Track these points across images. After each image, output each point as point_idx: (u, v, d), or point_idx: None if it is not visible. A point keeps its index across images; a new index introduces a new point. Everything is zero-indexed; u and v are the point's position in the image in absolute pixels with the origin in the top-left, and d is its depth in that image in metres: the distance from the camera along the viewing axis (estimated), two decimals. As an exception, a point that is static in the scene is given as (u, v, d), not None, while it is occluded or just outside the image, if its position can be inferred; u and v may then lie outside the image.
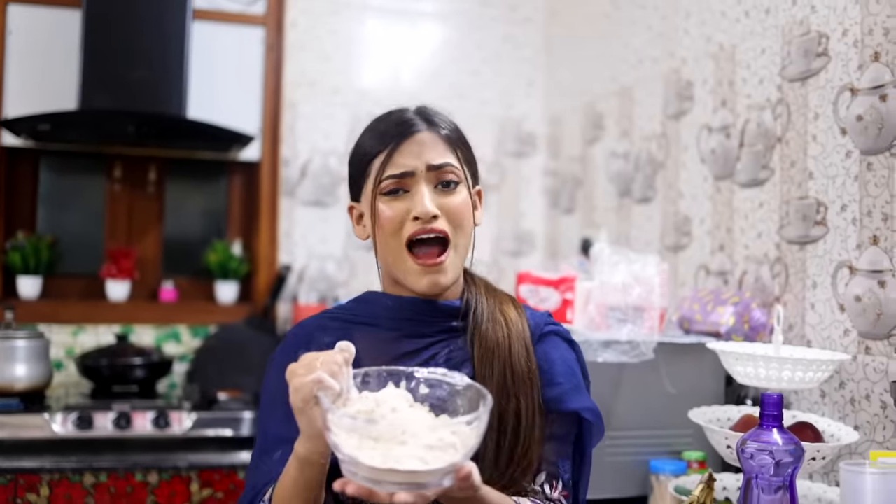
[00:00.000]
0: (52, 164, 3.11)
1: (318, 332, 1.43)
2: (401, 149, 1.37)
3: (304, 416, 1.13)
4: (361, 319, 1.44)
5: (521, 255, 3.41)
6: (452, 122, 1.45)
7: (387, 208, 1.37)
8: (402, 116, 1.41)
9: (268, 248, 3.14)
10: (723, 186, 2.34)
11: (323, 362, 1.12)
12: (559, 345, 1.46)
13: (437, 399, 1.16)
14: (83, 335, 2.99)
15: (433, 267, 1.35)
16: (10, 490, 2.31)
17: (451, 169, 1.38)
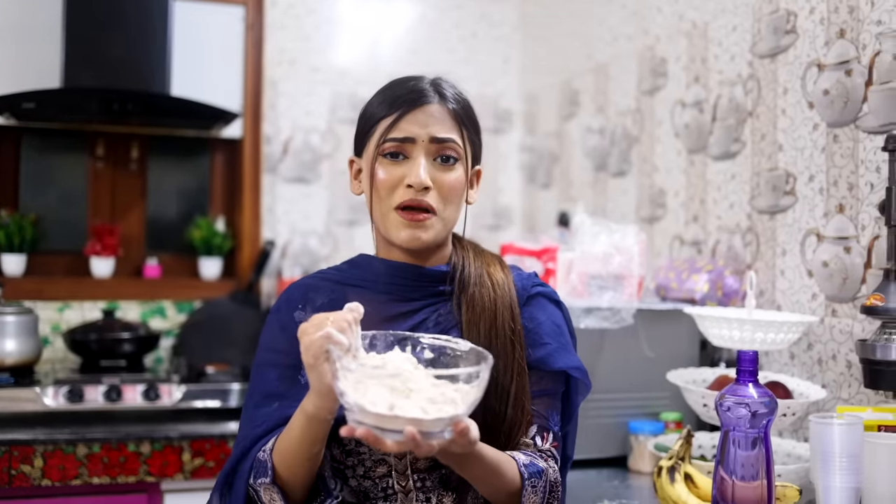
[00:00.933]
0: (34, 143, 3.13)
1: (311, 293, 1.48)
2: (408, 116, 1.41)
3: (315, 372, 1.19)
4: (353, 281, 1.48)
5: (499, 230, 3.48)
6: (464, 99, 1.49)
7: (383, 171, 1.41)
8: (417, 85, 1.44)
9: (251, 225, 3.19)
10: (696, 160, 2.43)
11: (333, 321, 1.19)
12: (546, 306, 1.51)
13: (441, 364, 1.24)
14: (69, 311, 3.03)
15: (415, 222, 1.40)
16: (5, 461, 2.35)
17: (452, 146, 1.42)
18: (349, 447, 1.40)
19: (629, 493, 1.90)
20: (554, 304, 1.53)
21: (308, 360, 1.19)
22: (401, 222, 1.41)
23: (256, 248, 3.20)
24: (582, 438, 2.08)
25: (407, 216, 1.40)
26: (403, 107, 1.41)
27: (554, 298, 1.54)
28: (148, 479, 2.45)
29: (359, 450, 1.39)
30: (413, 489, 1.41)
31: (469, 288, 1.45)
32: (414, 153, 1.41)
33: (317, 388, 1.22)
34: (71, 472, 2.40)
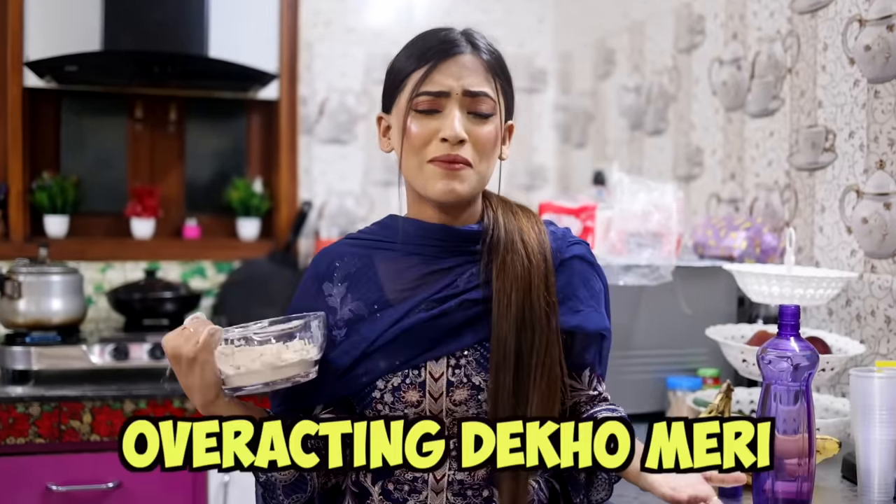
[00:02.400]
0: (74, 105, 3.17)
1: (337, 261, 1.47)
2: (440, 67, 1.36)
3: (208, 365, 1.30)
4: (382, 245, 1.47)
5: (533, 189, 3.50)
6: (496, 50, 1.45)
7: (416, 125, 1.37)
8: (448, 35, 1.40)
9: (288, 185, 3.22)
10: (734, 117, 2.42)
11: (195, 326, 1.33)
12: (581, 268, 1.48)
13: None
14: (111, 272, 3.08)
15: (451, 171, 1.36)
16: (55, 416, 2.41)
17: (486, 100, 1.38)
18: (384, 412, 1.41)
19: (667, 447, 1.93)
20: (589, 265, 1.50)
21: (202, 356, 1.29)
22: (436, 172, 1.37)
23: (294, 209, 3.23)
24: (620, 393, 2.11)
25: (443, 165, 1.36)
26: (435, 57, 1.37)
27: (589, 260, 1.50)
28: (193, 434, 2.50)
29: (395, 416, 1.40)
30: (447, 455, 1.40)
31: (500, 254, 1.41)
32: (447, 106, 1.37)
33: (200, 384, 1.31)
34: (118, 426, 2.44)
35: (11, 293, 2.59)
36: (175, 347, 1.30)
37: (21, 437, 2.39)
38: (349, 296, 1.44)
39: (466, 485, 1.42)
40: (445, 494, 1.41)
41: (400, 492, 1.42)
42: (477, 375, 1.38)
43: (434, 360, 1.39)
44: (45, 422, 2.41)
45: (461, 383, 1.39)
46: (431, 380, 1.39)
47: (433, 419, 1.34)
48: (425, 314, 1.39)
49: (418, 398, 1.39)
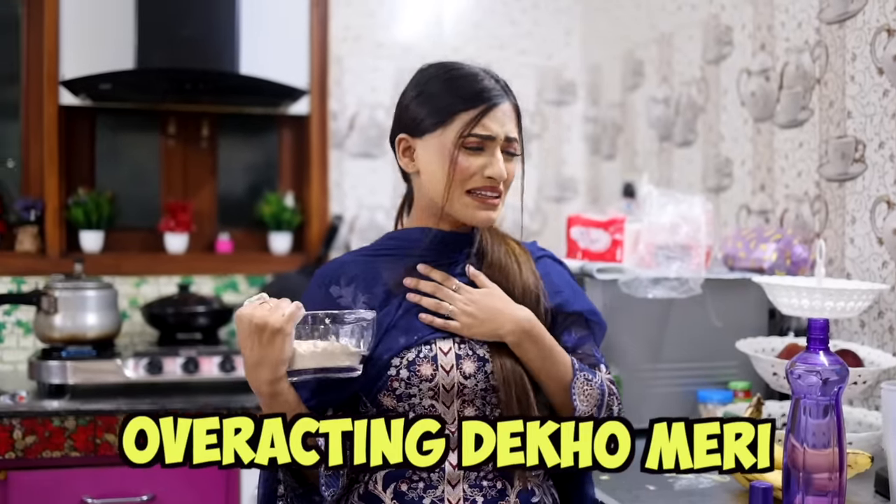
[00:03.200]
0: (109, 122, 3.22)
1: (343, 268, 1.60)
2: (491, 114, 1.52)
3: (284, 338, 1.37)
4: (386, 252, 1.62)
5: (563, 201, 3.50)
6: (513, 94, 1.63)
7: (465, 161, 1.53)
8: (490, 84, 1.55)
9: (319, 199, 3.25)
10: (763, 128, 2.41)
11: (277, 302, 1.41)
12: (553, 264, 1.68)
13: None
14: (145, 286, 3.12)
15: (488, 204, 1.54)
16: (91, 430, 2.45)
17: (516, 144, 1.57)
18: (400, 391, 1.48)
19: (698, 460, 1.92)
20: (558, 262, 1.70)
21: (287, 328, 1.36)
22: (474, 205, 1.55)
23: (325, 223, 3.26)
24: (650, 406, 2.13)
25: (479, 200, 1.54)
26: (486, 103, 1.53)
27: (556, 259, 1.71)
28: (225, 447, 2.52)
29: (409, 392, 1.48)
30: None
31: (489, 252, 1.61)
32: (491, 148, 1.54)
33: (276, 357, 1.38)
34: (152, 440, 2.48)
35: (48, 308, 2.64)
36: (262, 317, 1.36)
37: (57, 451, 2.43)
38: (358, 294, 1.56)
39: (483, 473, 1.49)
40: (462, 486, 1.48)
41: (414, 491, 1.47)
42: (481, 348, 1.51)
43: (442, 338, 1.51)
44: (81, 435, 2.44)
45: (467, 355, 1.50)
46: (442, 354, 1.50)
47: (445, 396, 1.47)
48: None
49: (432, 372, 1.48)
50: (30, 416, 2.41)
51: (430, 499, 1.46)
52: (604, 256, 2.21)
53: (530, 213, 3.46)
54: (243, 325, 1.38)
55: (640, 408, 2.13)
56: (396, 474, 1.48)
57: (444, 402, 1.49)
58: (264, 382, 1.40)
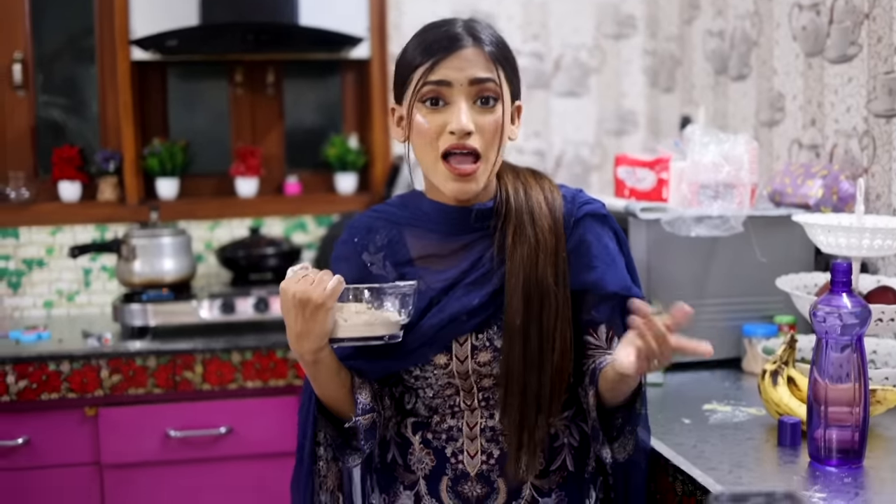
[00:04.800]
0: (179, 74, 3.35)
1: (371, 233, 1.59)
2: (444, 62, 1.43)
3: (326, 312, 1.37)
4: (406, 220, 1.58)
5: (623, 135, 3.52)
6: (499, 38, 1.51)
7: (424, 120, 1.45)
8: (451, 31, 1.46)
9: (382, 141, 3.34)
10: (814, 63, 2.41)
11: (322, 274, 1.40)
12: (593, 226, 1.56)
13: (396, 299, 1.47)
14: (219, 229, 3.27)
15: (464, 176, 1.45)
16: (170, 368, 2.62)
17: (490, 86, 1.45)
18: (416, 373, 1.55)
19: (739, 394, 1.99)
20: (600, 221, 1.57)
21: (329, 303, 1.36)
22: (448, 175, 1.46)
23: (388, 163, 3.35)
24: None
25: (454, 169, 1.45)
26: (439, 53, 1.44)
27: (601, 214, 1.58)
28: (295, 382, 2.68)
29: (424, 375, 1.55)
30: (478, 406, 1.56)
31: (510, 234, 1.51)
32: (453, 98, 1.44)
33: (319, 330, 1.38)
34: (227, 377, 2.65)
35: (127, 256, 2.81)
36: (304, 292, 1.35)
37: (141, 388, 2.61)
38: (387, 264, 1.57)
39: (498, 431, 1.56)
40: (479, 441, 1.56)
41: (438, 440, 1.57)
42: (498, 339, 1.51)
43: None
44: (162, 373, 2.62)
45: (484, 347, 1.52)
46: (457, 345, 1.53)
47: (461, 377, 1.52)
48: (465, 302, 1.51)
49: (446, 361, 1.53)
50: (115, 357, 2.60)
51: (452, 448, 1.57)
52: (650, 195, 2.26)
53: (590, 147, 3.50)
54: (286, 298, 1.37)
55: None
56: (422, 424, 1.59)
57: (461, 378, 1.54)
58: (308, 352, 1.41)
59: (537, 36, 3.43)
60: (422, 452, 1.58)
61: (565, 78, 3.47)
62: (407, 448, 1.60)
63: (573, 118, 3.49)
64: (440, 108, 1.45)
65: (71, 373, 2.57)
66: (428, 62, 1.44)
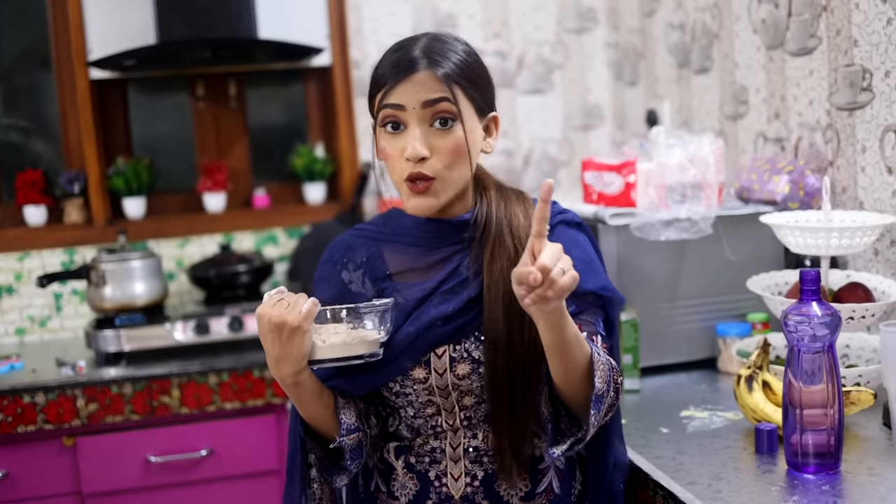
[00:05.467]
0: (139, 90, 3.31)
1: (350, 251, 1.61)
2: (398, 87, 1.45)
3: (302, 336, 1.38)
4: (386, 237, 1.60)
5: (590, 129, 3.51)
6: (460, 57, 1.49)
7: (387, 145, 1.48)
8: (407, 55, 1.47)
9: (348, 148, 3.32)
10: (775, 56, 2.41)
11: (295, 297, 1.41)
12: (567, 232, 1.58)
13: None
14: (189, 246, 3.24)
15: (419, 193, 1.46)
16: (147, 394, 2.60)
17: (444, 105, 1.45)
18: (395, 389, 1.55)
19: (716, 397, 1.99)
20: (576, 227, 1.60)
21: (305, 325, 1.37)
22: (409, 194, 1.48)
23: (356, 171, 3.33)
24: (670, 344, 2.20)
25: (414, 187, 1.46)
26: (394, 77, 1.46)
27: (575, 222, 1.60)
28: (274, 400, 2.67)
29: (405, 391, 1.54)
30: (460, 426, 1.56)
31: (489, 247, 1.52)
32: (409, 121, 1.46)
33: (297, 353, 1.39)
34: (205, 399, 2.63)
35: (97, 281, 2.78)
36: (279, 316, 1.36)
37: (118, 415, 2.59)
38: (366, 281, 1.58)
39: (482, 451, 1.56)
40: (463, 462, 1.56)
41: (421, 463, 1.58)
42: (476, 350, 1.51)
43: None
44: (139, 400, 2.60)
45: (462, 358, 1.51)
46: (435, 357, 1.52)
47: (441, 392, 1.52)
48: (441, 309, 1.51)
49: (425, 374, 1.52)
50: (90, 386, 2.57)
51: (435, 471, 1.57)
52: (619, 200, 2.25)
53: (557, 143, 3.49)
54: (263, 323, 1.38)
55: (662, 346, 2.21)
56: (405, 448, 1.59)
57: (441, 395, 1.54)
58: (287, 375, 1.42)
59: (499, 34, 3.41)
60: (405, 477, 1.58)
61: (529, 75, 3.46)
62: (390, 474, 1.60)
63: (539, 115, 3.48)
64: (399, 132, 1.47)
65: (46, 404, 2.54)
66: (385, 86, 1.48)
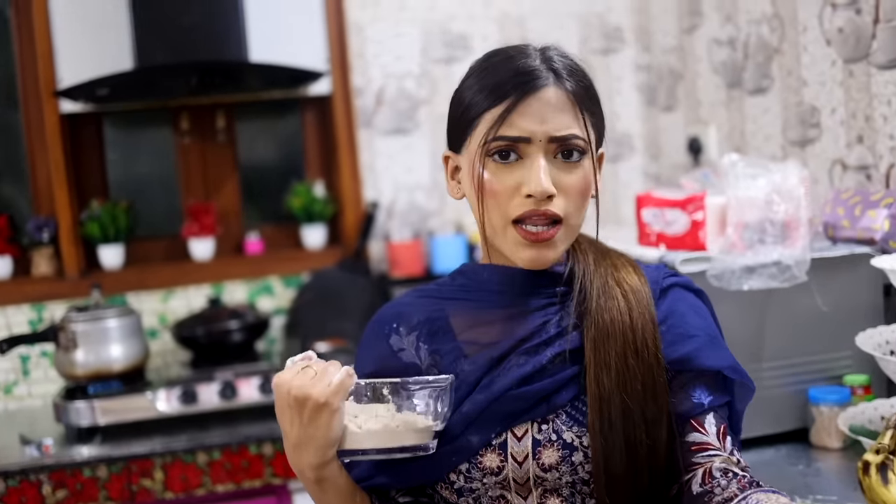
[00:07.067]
0: (116, 125, 2.96)
1: (403, 310, 1.32)
2: (520, 108, 1.16)
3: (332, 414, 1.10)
4: (455, 294, 1.30)
5: (619, 160, 3.17)
6: (581, 71, 1.22)
7: (494, 179, 1.18)
8: (526, 65, 1.18)
9: (351, 186, 2.96)
10: (856, 70, 2.07)
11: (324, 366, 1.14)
12: (686, 295, 1.28)
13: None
14: (173, 300, 2.87)
15: (540, 242, 1.18)
16: (125, 477, 2.23)
17: (576, 141, 1.18)
18: (458, 484, 1.20)
19: (823, 484, 1.63)
20: (693, 293, 1.30)
21: (335, 402, 1.09)
22: (521, 242, 1.19)
23: (360, 211, 2.97)
24: (754, 412, 1.79)
25: (530, 236, 1.18)
26: (513, 94, 1.16)
27: (693, 287, 1.31)
28: (274, 481, 2.30)
29: (471, 486, 1.19)
30: None
31: (594, 299, 1.22)
32: (530, 152, 1.17)
33: (323, 439, 1.11)
34: (194, 481, 2.26)
35: (66, 345, 2.40)
36: (301, 388, 1.09)
37: (91, 503, 2.21)
38: (421, 345, 1.27)
39: None
40: None
41: None
42: (569, 431, 1.18)
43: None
44: (115, 484, 2.23)
45: (550, 441, 1.18)
46: (514, 439, 1.19)
47: (519, 488, 1.18)
48: (517, 372, 1.19)
49: (499, 463, 1.19)
50: (58, 469, 2.21)
51: None
52: (683, 241, 1.89)
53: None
54: (280, 395, 1.12)
55: (748, 415, 1.83)
56: None
57: (519, 492, 1.19)
58: (308, 467, 1.13)
59: (517, 57, 3.07)
60: None
61: (551, 101, 3.12)
62: None
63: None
64: (512, 162, 1.18)
65: (6, 492, 2.17)
66: (499, 107, 1.17)
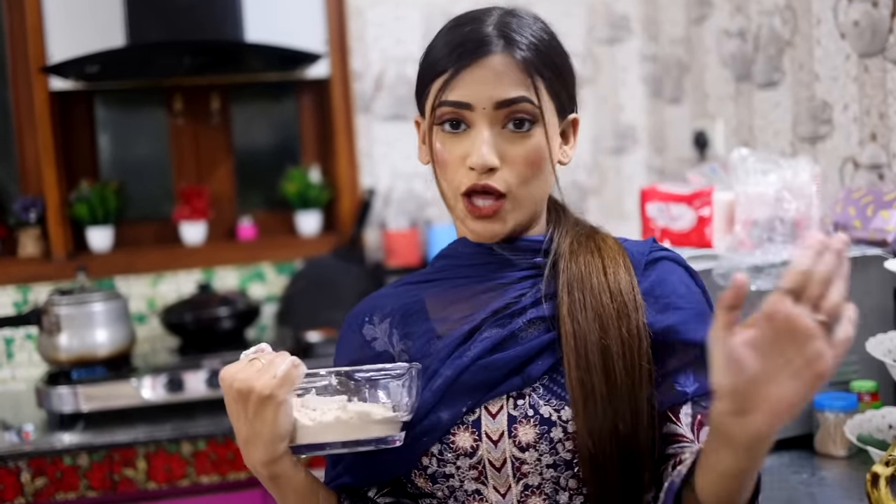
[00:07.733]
0: (108, 104, 2.88)
1: (378, 301, 1.26)
2: (464, 74, 1.11)
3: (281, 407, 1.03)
4: (434, 276, 1.25)
5: (623, 152, 3.10)
6: (541, 39, 1.15)
7: (444, 150, 1.14)
8: (475, 31, 1.13)
9: (348, 172, 2.90)
10: (871, 65, 2.00)
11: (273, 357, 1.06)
12: (675, 268, 1.20)
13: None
14: (163, 284, 2.81)
15: (485, 217, 1.14)
16: (107, 466, 2.17)
17: (524, 106, 1.12)
18: (431, 469, 1.13)
19: (829, 494, 1.57)
20: (683, 268, 1.21)
21: (280, 395, 1.02)
22: (468, 216, 1.14)
23: (356, 198, 2.91)
24: (757, 418, 1.76)
25: (475, 209, 1.13)
26: (460, 60, 1.11)
27: (684, 264, 1.22)
28: (260, 474, 2.23)
29: (444, 471, 1.13)
30: None
31: (568, 253, 1.17)
32: (476, 121, 1.12)
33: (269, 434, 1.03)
34: (177, 472, 2.20)
35: (50, 328, 2.33)
36: (245, 381, 1.02)
37: (71, 492, 2.16)
38: (393, 331, 1.21)
39: None
40: None
41: None
42: (546, 405, 1.10)
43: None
44: (97, 472, 2.17)
45: (526, 417, 1.10)
46: (488, 416, 1.12)
47: (495, 475, 1.11)
48: (489, 341, 1.13)
49: (472, 443, 1.12)
50: (37, 456, 2.15)
51: None
52: (689, 237, 1.84)
53: (587, 168, 3.07)
54: (226, 388, 1.05)
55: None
56: None
57: (497, 485, 1.12)
58: (259, 463, 1.06)
59: (520, 44, 3.00)
60: None
61: (554, 91, 3.05)
62: None
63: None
64: (460, 132, 1.14)
65: (-17, 478, 2.11)
66: (446, 74, 1.12)
